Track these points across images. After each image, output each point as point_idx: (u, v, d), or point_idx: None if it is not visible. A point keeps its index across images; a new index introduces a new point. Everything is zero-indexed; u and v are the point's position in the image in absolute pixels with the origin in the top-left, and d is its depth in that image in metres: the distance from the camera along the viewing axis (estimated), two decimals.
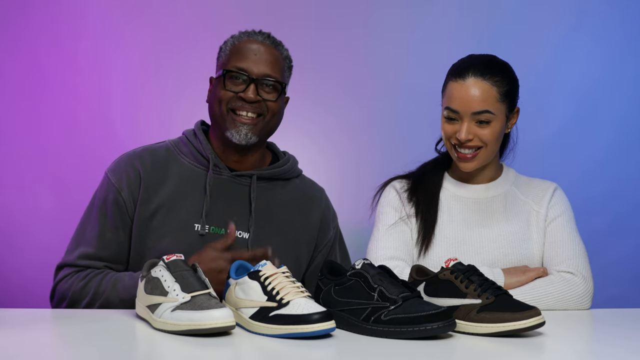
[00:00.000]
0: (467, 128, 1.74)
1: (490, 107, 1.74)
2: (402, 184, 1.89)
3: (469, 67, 1.77)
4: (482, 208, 1.85)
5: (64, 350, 1.19)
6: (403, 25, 2.56)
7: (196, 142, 1.75)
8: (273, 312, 1.30)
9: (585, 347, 1.41)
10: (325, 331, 1.27)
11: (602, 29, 2.58)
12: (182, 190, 1.71)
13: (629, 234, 2.58)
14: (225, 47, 1.75)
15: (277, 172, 1.79)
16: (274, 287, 1.33)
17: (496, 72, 1.76)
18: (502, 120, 1.77)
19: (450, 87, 1.78)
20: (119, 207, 1.70)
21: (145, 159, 1.73)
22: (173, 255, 1.39)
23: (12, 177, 2.42)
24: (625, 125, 2.59)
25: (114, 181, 1.71)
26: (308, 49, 2.48)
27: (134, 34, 2.47)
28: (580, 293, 1.71)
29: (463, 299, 1.38)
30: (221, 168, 1.74)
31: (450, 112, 1.77)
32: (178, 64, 2.48)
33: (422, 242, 1.80)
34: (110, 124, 2.44)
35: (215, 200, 1.71)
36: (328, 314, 1.28)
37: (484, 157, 1.79)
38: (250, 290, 1.35)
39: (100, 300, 1.63)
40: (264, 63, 1.70)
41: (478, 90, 1.74)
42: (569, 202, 1.87)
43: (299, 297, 1.31)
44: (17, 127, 2.42)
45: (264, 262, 1.38)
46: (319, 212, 1.85)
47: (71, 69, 2.45)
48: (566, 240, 1.79)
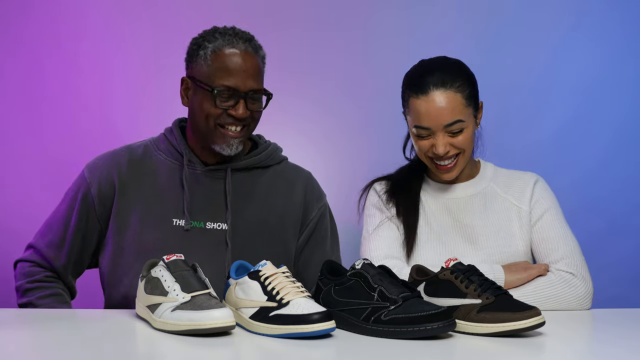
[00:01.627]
0: (443, 141, 1.73)
1: (460, 116, 1.73)
2: (381, 185, 1.90)
3: (426, 79, 1.73)
4: (461, 207, 1.84)
5: (64, 350, 1.19)
6: (403, 26, 2.56)
7: (172, 139, 1.78)
8: (273, 312, 1.30)
9: (585, 347, 1.41)
10: (325, 331, 1.27)
11: (601, 29, 2.58)
12: (158, 186, 1.74)
13: (628, 234, 2.57)
14: (205, 53, 1.69)
15: (253, 161, 1.80)
16: (274, 287, 1.33)
17: (455, 77, 1.74)
18: (472, 123, 1.77)
19: (414, 104, 1.75)
20: (86, 204, 1.74)
21: (123, 157, 1.78)
22: (173, 255, 1.39)
23: (13, 178, 2.42)
24: (624, 126, 2.59)
25: (87, 177, 1.76)
26: (308, 49, 2.48)
27: (135, 34, 2.47)
28: (581, 294, 1.71)
29: (463, 299, 1.38)
30: (195, 163, 1.75)
31: (420, 130, 1.75)
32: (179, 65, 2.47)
33: (407, 244, 1.80)
34: (111, 124, 2.44)
35: (192, 194, 1.73)
36: (328, 314, 1.28)
37: (463, 161, 1.79)
38: (250, 290, 1.36)
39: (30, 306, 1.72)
40: (251, 77, 1.68)
41: (444, 101, 1.72)
42: (552, 193, 1.85)
43: (299, 297, 1.31)
44: (18, 128, 2.42)
45: (264, 262, 1.38)
46: (302, 191, 1.84)
47: (72, 69, 2.45)
48: (559, 236, 1.78)
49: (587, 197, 2.51)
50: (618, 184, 2.58)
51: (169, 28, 2.48)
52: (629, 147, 2.59)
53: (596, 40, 2.58)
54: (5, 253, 2.40)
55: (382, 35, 2.55)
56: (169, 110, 2.46)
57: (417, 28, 2.56)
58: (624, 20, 2.59)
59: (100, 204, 1.73)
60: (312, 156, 2.49)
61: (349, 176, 2.50)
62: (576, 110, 2.58)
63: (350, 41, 2.54)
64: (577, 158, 2.57)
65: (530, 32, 2.56)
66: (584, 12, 2.59)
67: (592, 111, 2.58)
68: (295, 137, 2.35)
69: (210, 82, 1.67)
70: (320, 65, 2.51)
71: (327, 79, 2.52)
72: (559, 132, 2.56)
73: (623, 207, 2.58)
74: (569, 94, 2.58)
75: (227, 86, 1.66)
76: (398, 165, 1.94)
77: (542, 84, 2.54)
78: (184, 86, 1.75)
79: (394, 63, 2.55)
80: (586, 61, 2.58)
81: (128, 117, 2.45)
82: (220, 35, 1.70)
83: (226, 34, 1.70)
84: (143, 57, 2.48)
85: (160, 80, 2.47)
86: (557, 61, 2.58)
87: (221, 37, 1.69)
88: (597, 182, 2.57)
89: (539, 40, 2.57)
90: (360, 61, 2.55)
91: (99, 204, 1.73)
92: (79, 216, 1.74)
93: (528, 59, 2.52)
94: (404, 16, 2.56)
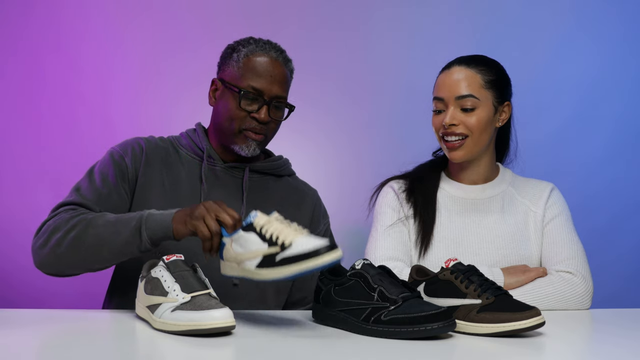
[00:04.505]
0: (452, 113, 1.77)
1: (474, 92, 1.77)
2: (399, 184, 1.90)
3: (455, 60, 1.83)
4: (479, 208, 1.85)
5: (64, 350, 1.19)
6: (403, 26, 2.56)
7: (194, 136, 1.81)
8: (279, 256, 1.29)
9: (585, 347, 1.41)
10: (335, 261, 1.27)
11: (601, 29, 2.58)
12: (178, 176, 1.75)
13: (628, 232, 2.58)
14: (238, 56, 1.74)
15: (270, 166, 1.84)
16: (272, 233, 1.33)
17: (482, 64, 1.81)
18: (488, 109, 1.78)
19: (437, 79, 1.83)
20: (120, 169, 1.71)
21: (151, 140, 1.80)
22: (173, 255, 1.39)
23: (13, 178, 2.42)
24: (624, 125, 2.59)
25: (118, 149, 1.75)
26: (308, 49, 2.49)
27: (135, 35, 2.47)
28: (581, 293, 1.72)
29: (463, 299, 1.38)
30: (215, 159, 1.78)
31: (437, 102, 1.81)
32: (179, 66, 2.48)
33: (422, 243, 1.81)
34: (111, 125, 2.45)
35: (210, 188, 1.75)
36: (333, 245, 1.28)
37: (471, 146, 1.79)
38: (247, 243, 1.35)
39: (92, 233, 1.53)
40: (277, 83, 1.73)
41: (462, 75, 1.78)
42: (566, 203, 1.88)
43: (299, 236, 1.31)
44: (18, 128, 2.43)
45: (255, 213, 1.37)
46: (311, 206, 1.89)
47: (72, 70, 2.45)
48: (565, 240, 1.80)
49: (587, 196, 2.52)
50: (617, 182, 2.59)
51: (169, 29, 2.48)
52: (628, 147, 2.60)
53: (596, 40, 2.58)
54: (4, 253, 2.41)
55: (382, 35, 2.56)
56: (169, 110, 2.47)
57: (417, 28, 2.56)
58: (624, 21, 2.59)
59: (133, 172, 1.72)
60: (312, 156, 2.49)
61: (349, 176, 2.50)
62: (576, 110, 2.58)
63: (351, 40, 2.55)
64: (576, 157, 2.58)
65: (530, 32, 2.57)
66: (584, 12, 2.59)
67: (592, 110, 2.59)
68: (295, 137, 2.35)
69: (238, 83, 1.72)
70: (321, 64, 2.52)
71: (327, 79, 2.53)
72: (558, 131, 2.57)
73: (622, 206, 2.59)
74: (569, 94, 2.58)
75: (254, 87, 1.71)
76: (397, 165, 1.94)
77: (542, 84, 2.54)
78: (213, 87, 1.80)
79: (394, 63, 2.57)
80: (586, 61, 2.58)
81: (128, 117, 2.46)
82: (254, 42, 1.77)
83: (260, 42, 1.77)
84: (143, 58, 2.48)
85: (160, 81, 2.48)
86: (557, 61, 2.58)
87: (255, 44, 1.76)
88: (597, 181, 2.57)
89: (539, 40, 2.57)
90: (360, 61, 2.55)
91: (132, 172, 1.72)
92: (115, 180, 1.69)
93: (528, 58, 2.52)
94: (405, 15, 2.56)
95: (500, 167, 1.92)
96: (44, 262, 1.59)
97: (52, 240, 1.56)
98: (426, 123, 1.90)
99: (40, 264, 1.60)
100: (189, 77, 2.45)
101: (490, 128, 1.80)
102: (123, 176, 1.71)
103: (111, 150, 1.76)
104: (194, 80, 2.26)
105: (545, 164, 2.46)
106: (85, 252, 1.53)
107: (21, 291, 2.40)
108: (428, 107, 1.85)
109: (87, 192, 1.67)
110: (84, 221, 1.55)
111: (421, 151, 1.95)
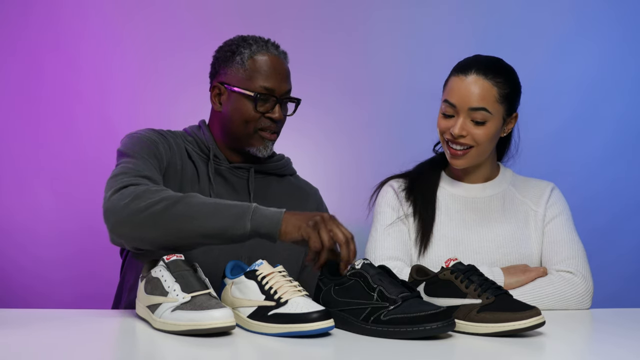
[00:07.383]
0: (462, 124, 1.74)
1: (488, 106, 1.74)
2: (399, 183, 1.90)
3: (472, 64, 1.77)
4: (479, 207, 1.85)
5: (65, 350, 1.19)
6: (403, 26, 2.56)
7: (199, 133, 1.78)
8: (272, 311, 1.30)
9: (585, 347, 1.41)
10: (324, 329, 1.27)
11: (601, 29, 2.59)
12: (188, 171, 1.72)
13: (628, 233, 2.58)
14: (241, 58, 1.72)
15: (274, 166, 1.83)
16: (272, 286, 1.33)
17: (499, 74, 1.76)
18: (498, 122, 1.77)
19: (452, 81, 1.78)
20: (157, 148, 1.65)
21: (168, 131, 1.75)
22: (173, 255, 1.39)
23: (12, 177, 2.42)
24: (624, 125, 2.59)
25: (147, 134, 1.68)
26: (308, 49, 2.48)
27: (134, 34, 2.47)
28: (581, 292, 1.71)
29: (463, 299, 1.38)
30: (220, 159, 1.77)
31: (447, 105, 1.77)
32: (177, 65, 2.48)
33: (421, 242, 1.80)
34: (109, 124, 2.44)
35: (217, 188, 1.74)
36: (327, 313, 1.28)
37: (475, 156, 1.78)
38: (247, 289, 1.36)
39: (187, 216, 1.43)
40: (285, 80, 1.74)
41: (478, 87, 1.74)
42: (566, 202, 1.87)
43: (297, 295, 1.31)
44: (17, 127, 2.42)
45: (260, 262, 1.38)
46: (314, 204, 1.88)
47: (70, 69, 2.45)
48: (565, 240, 1.79)
49: (587, 196, 2.52)
50: (618, 183, 2.59)
51: (168, 28, 2.48)
52: (629, 147, 2.60)
53: (596, 41, 2.58)
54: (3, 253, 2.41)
55: (382, 35, 2.56)
56: (167, 109, 2.47)
57: (417, 28, 2.56)
58: (624, 21, 2.59)
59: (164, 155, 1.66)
60: (312, 156, 2.49)
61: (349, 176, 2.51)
62: (576, 110, 2.58)
63: (351, 41, 2.54)
64: (576, 157, 2.58)
65: (530, 32, 2.57)
66: (584, 12, 2.59)
67: (593, 111, 2.59)
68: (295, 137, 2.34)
69: (249, 86, 1.71)
70: (321, 64, 2.52)
71: (327, 79, 2.53)
72: (558, 131, 2.57)
73: (623, 206, 2.59)
74: (569, 94, 2.58)
75: (266, 88, 1.71)
76: (397, 165, 1.94)
77: (542, 84, 2.54)
78: (215, 92, 1.76)
79: (395, 63, 2.56)
80: (586, 61, 2.58)
81: (126, 115, 2.45)
82: (253, 41, 1.75)
83: (259, 40, 1.76)
84: (141, 57, 2.48)
85: (158, 80, 2.48)
86: (557, 61, 2.58)
87: (255, 44, 1.75)
88: (597, 181, 2.57)
89: (539, 41, 2.57)
90: (360, 61, 2.55)
91: (163, 155, 1.66)
92: (157, 157, 1.64)
93: (528, 59, 2.52)
94: (405, 16, 2.56)
95: (501, 166, 1.92)
96: (125, 221, 1.44)
97: (141, 204, 1.44)
98: (426, 123, 1.91)
99: (120, 222, 1.45)
100: (187, 76, 2.44)
101: (496, 139, 1.80)
102: (158, 157, 1.65)
103: (139, 134, 1.67)
104: (192, 80, 2.25)
105: (545, 164, 2.46)
106: (176, 224, 1.42)
107: (21, 291, 2.39)
108: (428, 107, 1.85)
109: (141, 168, 1.57)
110: (175, 196, 1.45)
111: (421, 151, 1.94)
